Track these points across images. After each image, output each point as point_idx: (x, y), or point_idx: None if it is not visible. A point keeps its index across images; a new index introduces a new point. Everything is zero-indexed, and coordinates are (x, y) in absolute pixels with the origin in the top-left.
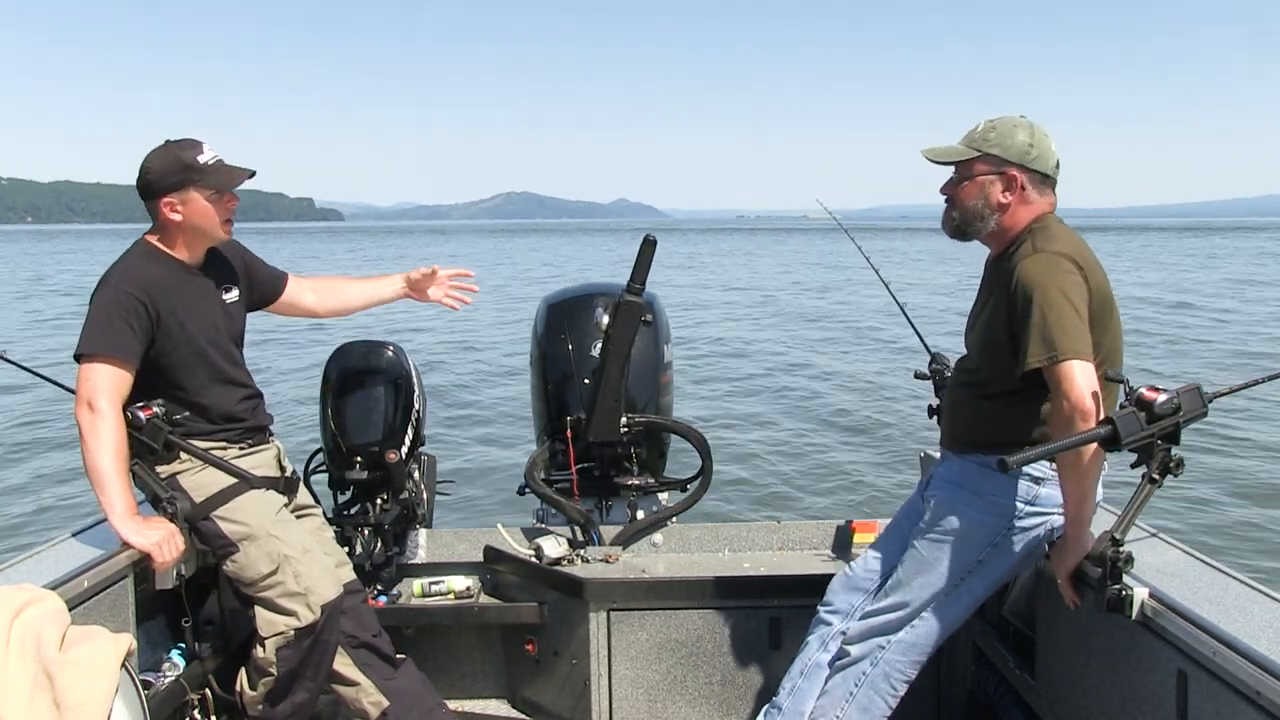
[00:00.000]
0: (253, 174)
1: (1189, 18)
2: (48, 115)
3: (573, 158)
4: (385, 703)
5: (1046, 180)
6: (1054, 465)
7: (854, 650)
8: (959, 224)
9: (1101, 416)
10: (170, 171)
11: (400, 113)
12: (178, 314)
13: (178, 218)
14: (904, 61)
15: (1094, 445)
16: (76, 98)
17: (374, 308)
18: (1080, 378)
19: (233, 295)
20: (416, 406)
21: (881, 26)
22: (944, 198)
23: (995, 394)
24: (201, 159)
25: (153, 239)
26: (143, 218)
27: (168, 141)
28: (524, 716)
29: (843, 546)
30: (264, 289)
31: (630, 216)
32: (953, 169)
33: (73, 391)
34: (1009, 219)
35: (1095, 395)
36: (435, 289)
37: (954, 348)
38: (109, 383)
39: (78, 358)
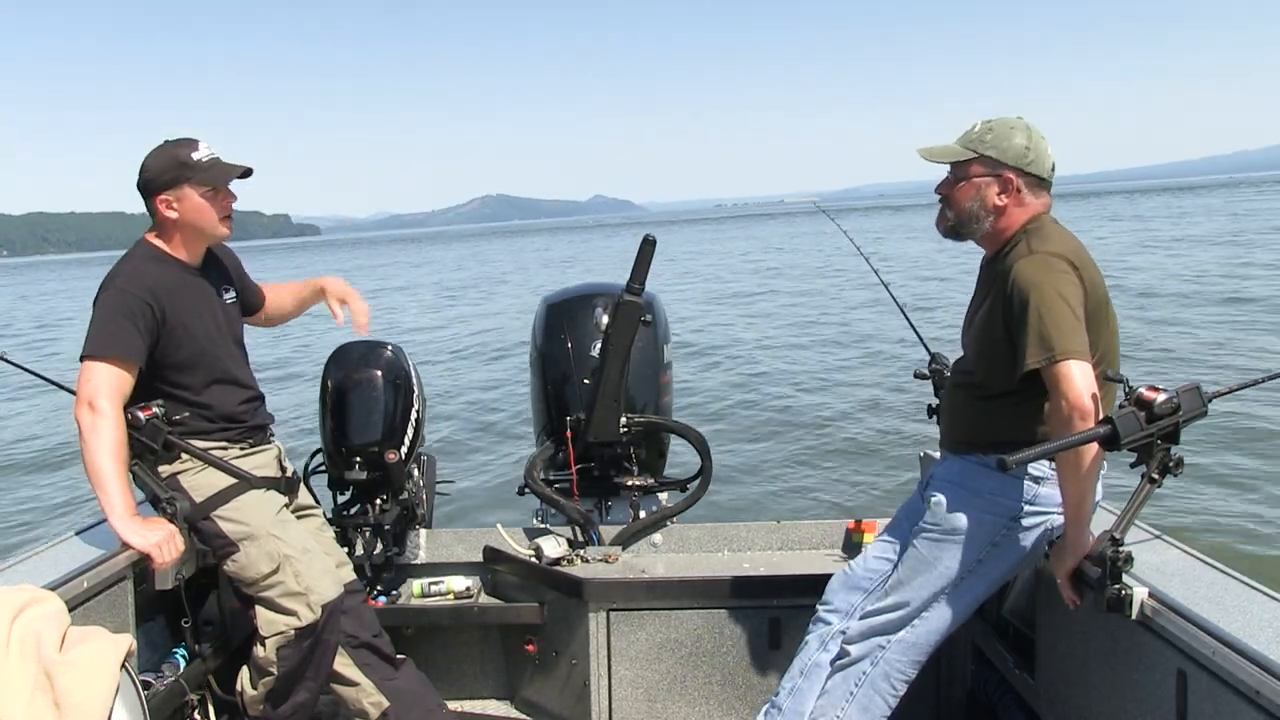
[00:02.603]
0: (248, 171)
1: None
2: (16, 147)
3: (546, 158)
4: (385, 703)
5: (1042, 183)
6: (1053, 465)
7: (854, 650)
8: (954, 224)
9: (1100, 416)
10: (165, 169)
11: (371, 123)
12: (181, 315)
13: (174, 215)
14: (872, 36)
15: (1094, 445)
16: (42, 126)
17: (303, 312)
18: (1078, 377)
19: (231, 296)
20: (416, 407)
21: (846, 7)
22: (939, 197)
23: (994, 395)
24: (196, 156)
25: (153, 239)
26: (118, 244)
27: (165, 141)
28: (524, 716)
29: (843, 546)
30: (246, 300)
31: (608, 212)
32: (948, 169)
33: (73, 392)
34: (1004, 221)
35: (1094, 395)
36: (335, 303)
37: (945, 337)
38: (110, 382)
39: (82, 359)
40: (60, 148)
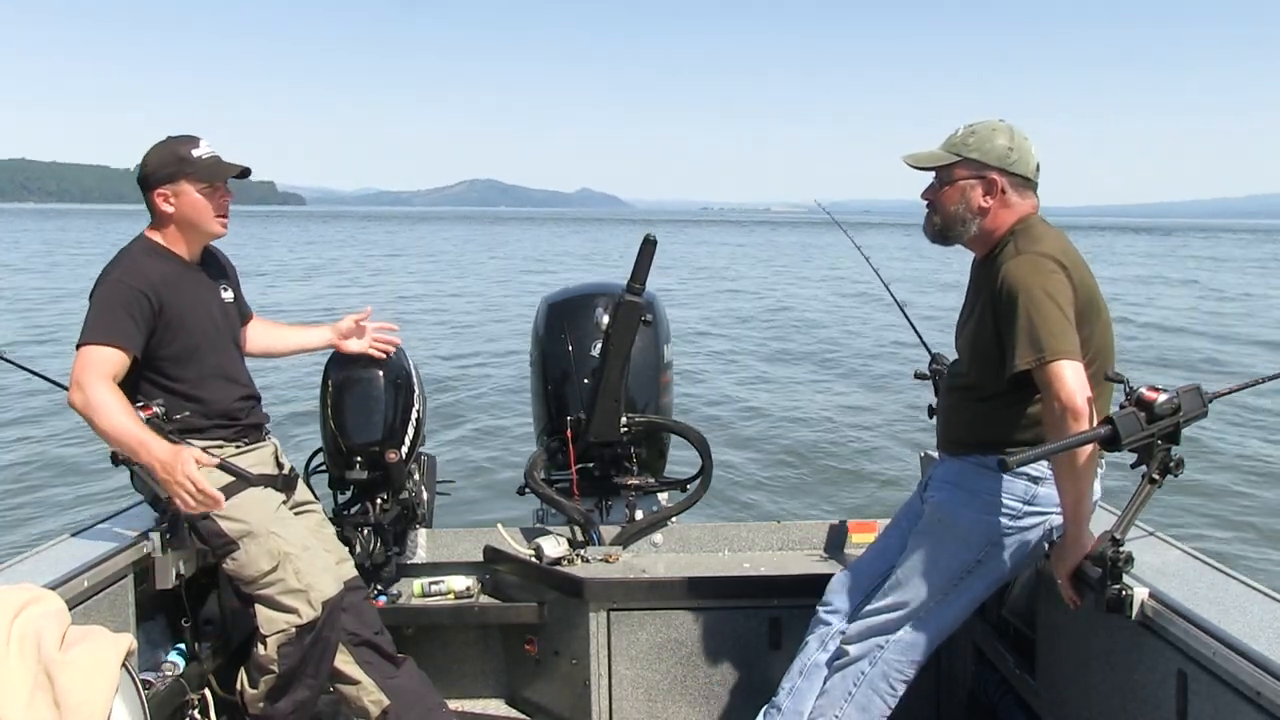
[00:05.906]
0: (246, 171)
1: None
2: (2, 92)
3: (537, 146)
4: (386, 701)
5: (1028, 183)
6: (1051, 465)
7: (853, 650)
8: (940, 228)
9: (1092, 415)
10: (164, 164)
11: (363, 97)
12: (179, 307)
13: (170, 209)
14: (872, 55)
15: (1089, 445)
16: (31, 73)
17: (300, 354)
18: (1070, 377)
19: (229, 295)
20: (417, 406)
21: (852, 19)
22: (925, 203)
23: (987, 396)
24: (195, 153)
25: (152, 234)
26: (100, 198)
27: (168, 137)
28: (524, 716)
29: (843, 546)
30: (239, 308)
31: (594, 206)
32: (933, 174)
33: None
34: (990, 222)
35: (1086, 394)
36: (358, 341)
37: (942, 340)
38: (100, 364)
39: (78, 348)
40: (47, 96)
